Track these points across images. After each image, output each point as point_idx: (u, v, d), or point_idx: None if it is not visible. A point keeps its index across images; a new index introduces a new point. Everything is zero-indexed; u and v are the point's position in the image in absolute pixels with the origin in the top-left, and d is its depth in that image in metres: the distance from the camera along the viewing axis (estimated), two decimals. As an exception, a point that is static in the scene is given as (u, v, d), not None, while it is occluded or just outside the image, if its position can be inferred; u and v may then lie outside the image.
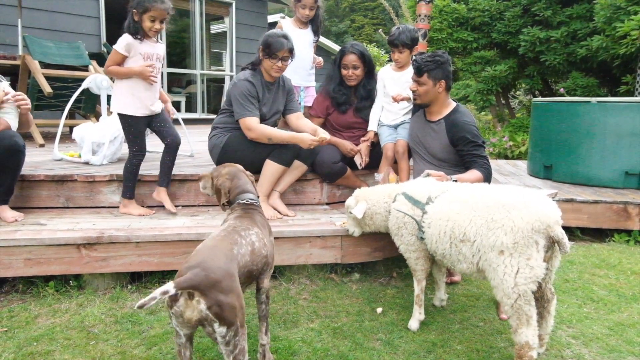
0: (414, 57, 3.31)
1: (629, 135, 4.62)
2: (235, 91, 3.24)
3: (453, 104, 3.16)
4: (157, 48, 3.17)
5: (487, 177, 2.92)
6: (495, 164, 6.74)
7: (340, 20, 32.02)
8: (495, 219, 2.07)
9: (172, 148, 3.27)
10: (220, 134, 3.42)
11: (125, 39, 3.03)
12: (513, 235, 2.01)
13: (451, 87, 3.12)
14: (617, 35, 7.06)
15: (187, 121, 3.65)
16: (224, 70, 10.97)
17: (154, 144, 3.90)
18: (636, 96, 6.10)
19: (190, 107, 10.39)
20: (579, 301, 2.97)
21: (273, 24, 15.13)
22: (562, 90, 8.96)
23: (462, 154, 3.02)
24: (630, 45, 6.42)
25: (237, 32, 10.45)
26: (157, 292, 1.54)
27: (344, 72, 3.65)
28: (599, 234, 4.34)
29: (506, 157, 8.47)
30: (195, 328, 1.73)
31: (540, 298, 2.23)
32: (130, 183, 3.24)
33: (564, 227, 4.26)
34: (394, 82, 3.55)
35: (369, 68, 3.69)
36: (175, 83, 10.83)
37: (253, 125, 3.19)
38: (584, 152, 4.88)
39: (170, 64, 10.02)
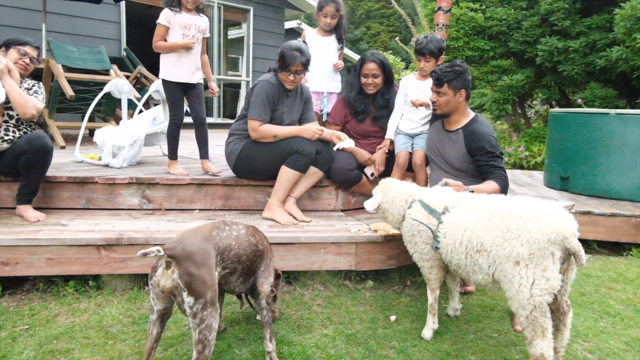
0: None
1: (648, 148, 4.56)
2: (256, 90, 3.32)
3: (472, 114, 3.17)
4: (197, 20, 3.59)
5: (504, 189, 2.92)
6: (511, 174, 6.70)
7: (356, 27, 32.13)
8: (511, 229, 2.07)
9: (196, 124, 3.73)
10: (236, 140, 3.46)
11: (164, 12, 3.49)
12: (529, 246, 2.01)
13: (470, 95, 3.13)
14: (637, 47, 6.99)
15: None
16: (240, 76, 11.07)
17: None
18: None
19: (207, 112, 10.50)
20: (596, 315, 2.94)
21: (289, 30, 15.27)
22: (579, 101, 8.88)
23: (480, 164, 3.02)
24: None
25: (254, 38, 10.56)
26: (154, 248, 1.76)
27: (363, 80, 3.68)
28: (616, 248, 4.29)
29: (522, 167, 8.41)
30: (170, 302, 1.91)
31: (556, 310, 2.22)
32: (171, 145, 3.70)
33: (581, 240, 4.23)
34: (418, 91, 3.55)
35: (388, 77, 3.71)
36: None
37: (257, 127, 3.28)
38: (601, 164, 4.83)
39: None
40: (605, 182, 4.83)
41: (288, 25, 15.27)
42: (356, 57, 15.56)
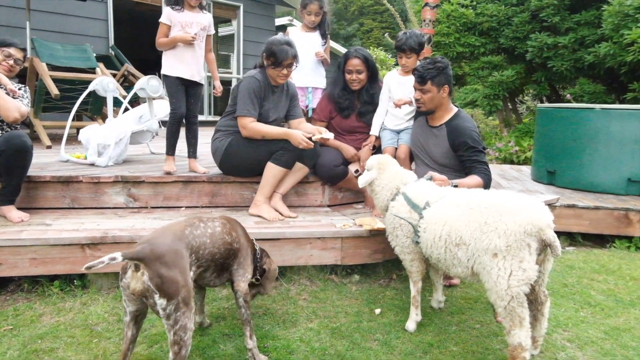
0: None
1: (632, 142, 4.61)
2: (242, 86, 3.31)
3: (455, 109, 3.20)
4: (199, 17, 3.59)
5: (487, 183, 2.95)
6: (499, 169, 6.75)
7: (349, 24, 32.08)
8: (488, 222, 2.11)
9: (188, 122, 3.73)
10: (222, 137, 3.47)
11: (165, 11, 3.52)
12: (506, 238, 2.04)
13: (452, 91, 3.15)
14: (624, 43, 7.05)
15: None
16: (231, 73, 11.05)
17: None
18: (641, 102, 6.09)
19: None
20: (577, 305, 2.99)
21: (281, 27, 15.24)
22: (568, 96, 8.95)
23: (463, 159, 3.05)
24: (637, 53, 6.41)
25: (245, 34, 10.54)
26: (105, 257, 1.68)
27: (347, 76, 3.69)
28: (600, 240, 4.34)
29: (512, 162, 8.46)
30: (142, 304, 1.88)
31: (534, 301, 2.26)
32: (170, 141, 3.67)
33: (566, 233, 4.29)
34: (400, 87, 3.58)
35: (372, 72, 3.73)
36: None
37: (247, 124, 3.27)
38: (587, 159, 4.89)
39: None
40: (590, 176, 4.88)
41: (279, 22, 15.24)
42: (343, 50, 15.59)
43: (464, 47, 9.93)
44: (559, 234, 4.22)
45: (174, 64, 3.54)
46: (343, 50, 17.18)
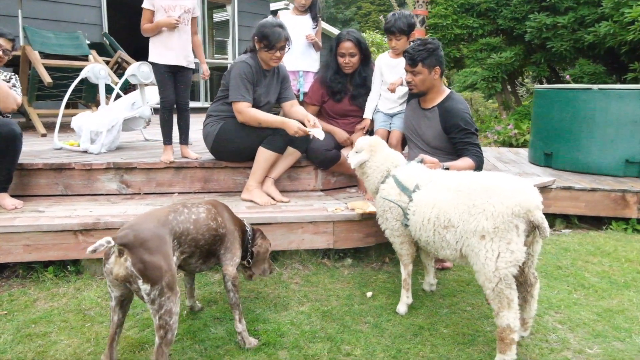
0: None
1: (630, 123, 4.57)
2: (234, 72, 3.27)
3: (447, 91, 3.17)
4: (182, 0, 3.51)
5: (479, 165, 2.93)
6: (496, 151, 6.72)
7: (347, 7, 31.74)
8: (476, 204, 2.09)
9: (179, 109, 3.69)
10: (213, 122, 3.45)
11: None
12: (494, 220, 2.03)
13: (444, 72, 3.12)
14: (625, 22, 6.96)
15: (190, 110, 3.76)
16: (227, 59, 10.98)
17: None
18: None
19: (193, 96, 10.44)
20: (570, 287, 2.99)
21: (275, 12, 15.06)
22: (567, 77, 8.86)
23: (455, 141, 3.03)
24: (638, 32, 6.33)
25: (240, 20, 10.44)
26: (102, 240, 1.74)
27: (340, 59, 3.66)
28: (597, 222, 4.33)
29: (511, 145, 8.42)
30: (127, 289, 1.89)
31: (523, 282, 2.26)
32: (164, 130, 3.65)
33: (562, 215, 4.27)
34: (392, 69, 3.55)
35: (364, 55, 3.69)
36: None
37: (243, 109, 3.23)
38: (584, 140, 4.85)
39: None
40: (587, 157, 4.85)
41: (275, 6, 15.07)
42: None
43: (462, 29, 9.83)
44: (555, 216, 4.31)
45: (160, 51, 3.50)
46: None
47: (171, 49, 3.49)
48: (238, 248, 2.31)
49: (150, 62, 3.57)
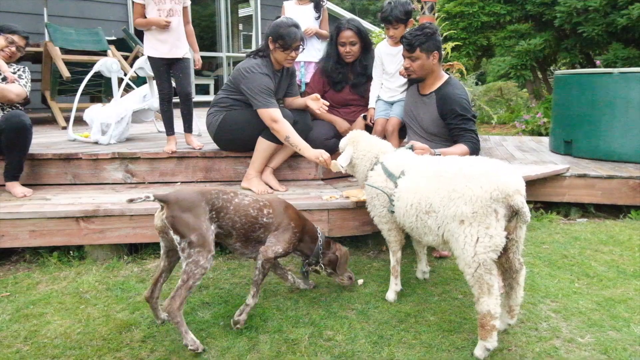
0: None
1: (652, 107, 4.36)
2: (253, 84, 3.19)
3: (445, 77, 3.10)
4: None
5: (474, 151, 2.87)
6: (518, 140, 6.53)
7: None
8: (456, 189, 2.05)
9: (181, 97, 3.72)
10: (217, 112, 3.50)
11: None
12: (472, 205, 1.98)
13: (442, 57, 3.05)
14: (660, 2, 6.62)
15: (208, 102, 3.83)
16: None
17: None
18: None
19: (217, 89, 10.59)
20: (573, 277, 2.89)
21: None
22: (598, 63, 8.48)
23: (451, 127, 2.97)
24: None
25: (263, 13, 10.51)
26: (143, 194, 2.09)
27: (341, 49, 3.64)
28: (615, 211, 4.15)
29: (540, 134, 8.15)
30: (168, 241, 2.19)
31: (508, 269, 2.19)
32: (165, 122, 3.75)
33: (578, 204, 4.12)
34: (392, 58, 3.51)
35: (365, 44, 3.66)
36: (205, 67, 11.05)
37: (280, 118, 3.16)
38: (604, 126, 4.65)
39: (201, 47, 10.19)
40: (607, 144, 4.66)
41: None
42: (371, 28, 15.26)
43: (489, 16, 9.56)
44: (570, 205, 4.15)
45: (153, 44, 3.55)
46: (371, 27, 16.82)
47: (165, 42, 3.54)
48: (286, 240, 2.38)
49: (146, 56, 3.64)
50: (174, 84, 3.76)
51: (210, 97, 7.77)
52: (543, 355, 2.09)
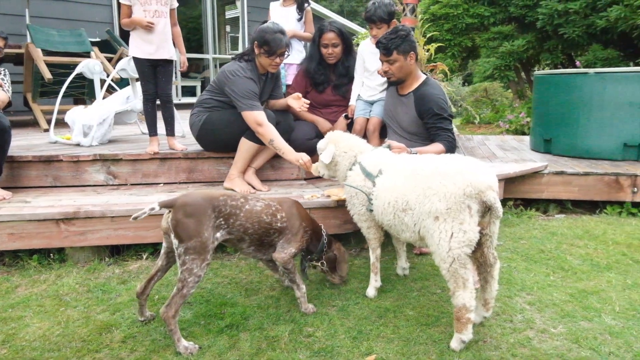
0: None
1: (627, 106, 4.47)
2: (238, 87, 3.21)
3: (423, 77, 3.15)
4: None
5: (450, 150, 2.92)
6: (500, 139, 6.62)
7: (367, 0, 31.52)
8: (431, 186, 2.09)
9: (162, 102, 3.74)
10: (200, 113, 3.51)
11: None
12: (446, 201, 2.03)
13: (418, 57, 3.10)
14: (635, 5, 6.77)
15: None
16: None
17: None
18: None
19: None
20: (548, 270, 2.95)
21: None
22: (578, 63, 8.64)
23: (428, 126, 3.02)
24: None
25: (250, 15, 10.52)
26: (146, 208, 2.12)
27: (323, 50, 3.68)
28: (592, 207, 4.25)
29: (523, 134, 8.28)
30: (170, 243, 2.20)
31: (483, 263, 2.24)
32: (148, 122, 3.77)
33: (555, 200, 4.20)
34: (374, 56, 3.54)
35: (347, 45, 3.71)
36: (192, 68, 11.03)
37: (264, 122, 3.17)
38: (582, 125, 4.75)
39: (188, 49, 10.14)
40: (586, 142, 4.76)
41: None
42: (359, 29, 15.33)
43: (473, 18, 9.68)
44: (548, 201, 4.23)
45: (139, 44, 3.56)
46: (359, 29, 16.88)
47: (151, 42, 3.55)
48: (297, 242, 2.44)
49: (131, 56, 3.63)
50: None
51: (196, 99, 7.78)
52: (517, 345, 2.14)
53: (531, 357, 2.05)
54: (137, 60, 3.61)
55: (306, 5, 4.11)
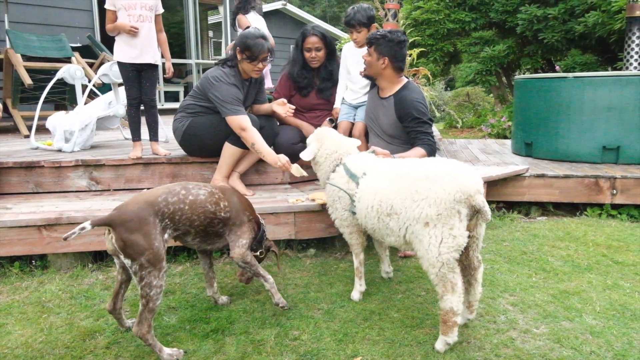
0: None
1: (605, 109, 4.57)
2: (222, 93, 3.21)
3: (404, 81, 3.18)
4: None
5: (431, 154, 2.95)
6: (483, 143, 6.71)
7: (350, 6, 31.73)
8: (419, 191, 2.10)
9: (145, 107, 3.72)
10: (183, 118, 3.50)
11: None
12: (437, 207, 2.03)
13: (402, 68, 3.12)
14: (612, 11, 6.93)
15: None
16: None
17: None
18: (625, 70, 5.99)
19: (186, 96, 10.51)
20: (531, 271, 3.00)
21: (274, 12, 15.13)
22: (557, 68, 8.82)
23: (408, 130, 3.05)
24: (624, 21, 6.31)
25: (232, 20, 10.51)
26: (77, 228, 1.91)
27: (306, 54, 3.70)
28: (572, 209, 4.33)
29: (505, 137, 8.40)
30: (121, 260, 2.05)
31: (467, 266, 2.26)
32: (132, 127, 3.74)
33: (537, 203, 4.27)
34: (356, 59, 3.58)
35: (330, 49, 3.73)
36: (175, 74, 10.97)
37: (248, 126, 3.18)
38: (562, 128, 4.85)
39: (171, 55, 10.06)
40: (565, 145, 4.85)
41: (272, 6, 15.15)
42: (342, 35, 15.46)
43: (455, 24, 9.81)
44: (530, 204, 4.30)
45: (124, 49, 3.55)
46: (342, 34, 17.01)
47: (135, 47, 3.54)
48: (246, 232, 2.38)
49: (116, 61, 3.61)
50: None
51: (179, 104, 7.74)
52: (500, 346, 2.17)
53: (514, 357, 2.08)
54: (121, 65, 3.58)
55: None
